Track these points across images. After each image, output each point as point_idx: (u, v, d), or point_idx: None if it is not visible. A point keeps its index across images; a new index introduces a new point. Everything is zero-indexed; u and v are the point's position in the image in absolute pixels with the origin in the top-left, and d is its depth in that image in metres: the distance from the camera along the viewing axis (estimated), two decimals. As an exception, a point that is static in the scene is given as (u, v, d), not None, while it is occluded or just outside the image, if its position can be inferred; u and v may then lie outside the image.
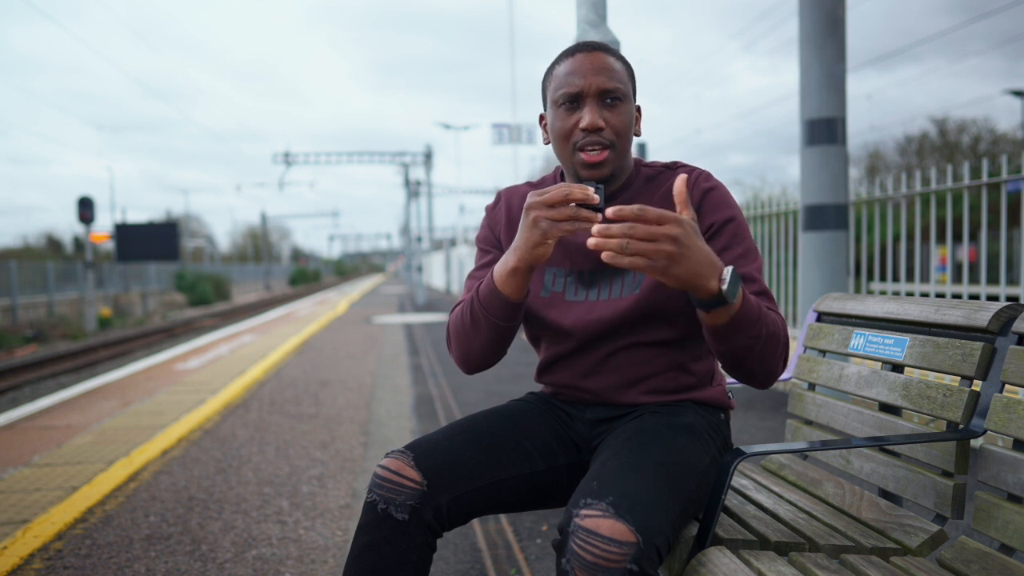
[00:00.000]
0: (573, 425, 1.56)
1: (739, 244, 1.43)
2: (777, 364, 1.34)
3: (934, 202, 4.25)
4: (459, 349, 1.48)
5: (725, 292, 1.18)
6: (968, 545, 1.31)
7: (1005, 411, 1.31)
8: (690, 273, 1.16)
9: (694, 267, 1.16)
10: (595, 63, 1.41)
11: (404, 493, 1.34)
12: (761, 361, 1.31)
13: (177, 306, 31.03)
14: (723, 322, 1.24)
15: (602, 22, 4.03)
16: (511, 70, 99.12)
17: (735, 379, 1.39)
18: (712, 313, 1.23)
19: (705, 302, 1.21)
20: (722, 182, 1.49)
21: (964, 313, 1.44)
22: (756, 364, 1.31)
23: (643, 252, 1.13)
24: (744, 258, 1.42)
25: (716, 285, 1.18)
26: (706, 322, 1.26)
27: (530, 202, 1.26)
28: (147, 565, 2.49)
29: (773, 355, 1.31)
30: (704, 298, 1.20)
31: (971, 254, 13.39)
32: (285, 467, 3.68)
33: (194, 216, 71.68)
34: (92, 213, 20.18)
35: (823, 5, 4.08)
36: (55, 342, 17.55)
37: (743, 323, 1.24)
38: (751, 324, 1.25)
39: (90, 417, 5.06)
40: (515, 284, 1.35)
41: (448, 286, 29.20)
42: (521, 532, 2.76)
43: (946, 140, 28.78)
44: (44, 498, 3.21)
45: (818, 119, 4.14)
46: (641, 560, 1.10)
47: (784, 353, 1.34)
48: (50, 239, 54.50)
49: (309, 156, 25.82)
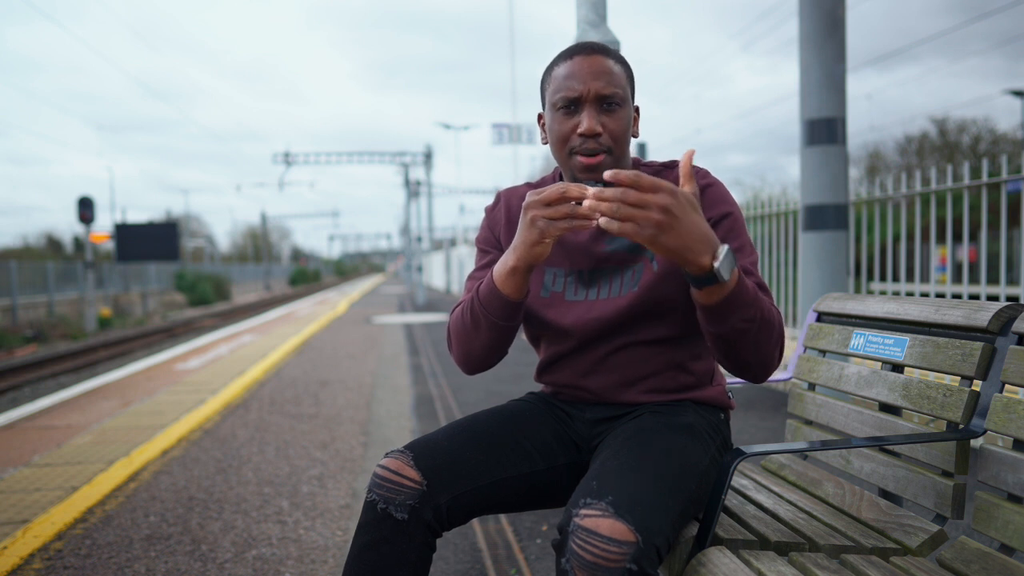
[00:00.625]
0: (573, 425, 1.56)
1: (736, 238, 1.43)
2: (772, 353, 1.33)
3: (934, 202, 4.25)
4: (460, 349, 1.49)
5: (718, 268, 1.18)
6: (968, 545, 1.31)
7: (1005, 411, 1.31)
8: (681, 245, 1.16)
9: (685, 239, 1.15)
10: (593, 66, 1.40)
11: (404, 493, 1.34)
12: (756, 348, 1.30)
13: (177, 306, 31.04)
14: (716, 301, 1.23)
15: (602, 22, 4.04)
16: (511, 70, 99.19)
17: (732, 373, 1.39)
18: (705, 291, 1.22)
19: (697, 278, 1.21)
20: (720, 179, 1.49)
21: (964, 313, 1.44)
22: (751, 352, 1.31)
23: (633, 218, 1.13)
24: (740, 252, 1.42)
25: (709, 261, 1.18)
26: (699, 301, 1.25)
27: (527, 201, 1.26)
28: (147, 565, 2.49)
29: (768, 342, 1.30)
30: (696, 273, 1.20)
31: (971, 254, 13.39)
32: (285, 467, 3.68)
33: (194, 216, 71.77)
34: (92, 213, 20.19)
35: (823, 5, 4.08)
36: (55, 342, 17.55)
37: (736, 303, 1.24)
38: (745, 306, 1.25)
39: (90, 417, 5.06)
40: (514, 283, 1.35)
41: (448, 286, 29.20)
42: (521, 532, 2.76)
43: (946, 140, 28.79)
44: (44, 498, 3.21)
45: (818, 119, 4.14)
46: (641, 560, 1.10)
47: (779, 343, 1.33)
48: (50, 239, 54.52)
49: (309, 156, 25.83)
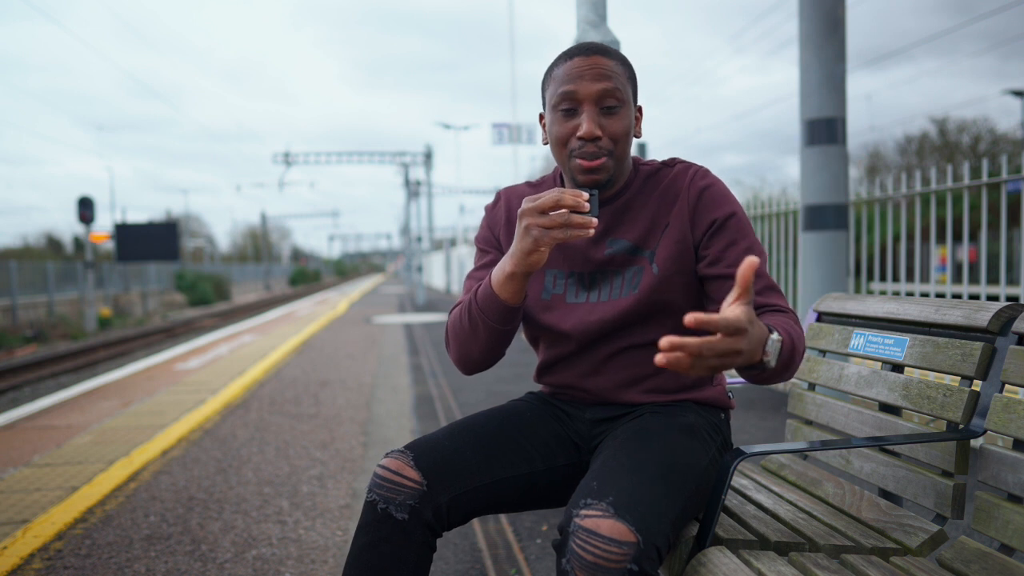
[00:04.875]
0: (573, 425, 1.56)
1: (744, 238, 1.42)
2: (794, 373, 1.32)
3: (934, 202, 4.25)
4: (458, 351, 1.48)
5: (767, 361, 1.14)
6: (968, 545, 1.31)
7: (1005, 411, 1.31)
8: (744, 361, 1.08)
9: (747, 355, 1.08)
10: (594, 68, 1.39)
11: (404, 493, 1.34)
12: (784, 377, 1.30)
13: (177, 306, 31.04)
14: (759, 376, 1.22)
15: (602, 22, 4.04)
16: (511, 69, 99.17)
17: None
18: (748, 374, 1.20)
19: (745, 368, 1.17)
20: (720, 179, 1.49)
21: (964, 313, 1.44)
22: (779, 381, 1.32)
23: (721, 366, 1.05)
24: (749, 251, 1.41)
25: (760, 357, 1.12)
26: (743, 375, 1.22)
27: (523, 209, 1.26)
28: (147, 565, 2.49)
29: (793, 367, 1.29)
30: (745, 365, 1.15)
31: (971, 254, 13.39)
32: (285, 467, 3.68)
33: (194, 216, 71.88)
34: (92, 213, 20.20)
35: (823, 5, 4.08)
36: (55, 342, 17.55)
37: (778, 375, 1.24)
38: (783, 372, 1.24)
39: (90, 417, 5.05)
40: (512, 289, 1.35)
41: (448, 286, 29.18)
42: (521, 532, 2.76)
43: (946, 140, 28.80)
44: (44, 498, 3.21)
45: (818, 119, 4.14)
46: (641, 560, 1.10)
47: (800, 361, 1.31)
48: (50, 239, 54.56)
49: (309, 156, 25.85)
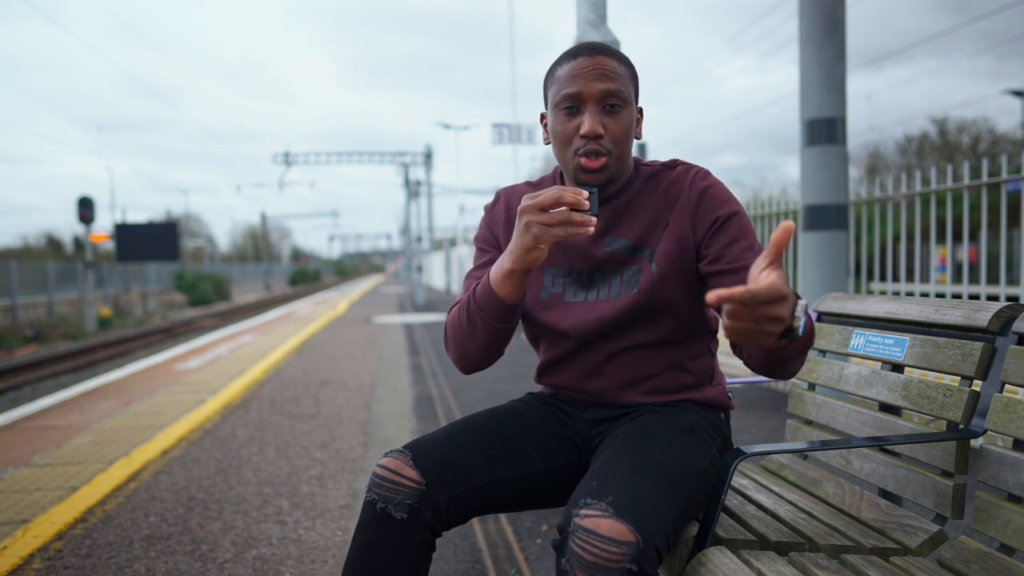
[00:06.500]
0: (573, 425, 1.56)
1: (745, 237, 1.42)
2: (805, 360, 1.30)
3: (934, 202, 4.25)
4: (456, 349, 1.48)
5: (795, 327, 1.06)
6: (968, 545, 1.31)
7: (1005, 411, 1.31)
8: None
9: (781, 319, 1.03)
10: (598, 68, 1.39)
11: (403, 492, 1.34)
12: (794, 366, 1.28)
13: (177, 306, 31.04)
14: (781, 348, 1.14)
15: (602, 22, 4.04)
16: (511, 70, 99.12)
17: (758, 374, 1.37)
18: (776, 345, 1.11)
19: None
20: (721, 180, 1.49)
21: (964, 313, 1.44)
22: (788, 371, 1.29)
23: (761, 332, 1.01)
24: (751, 250, 1.41)
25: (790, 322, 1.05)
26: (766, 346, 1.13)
27: (523, 206, 1.26)
28: (147, 565, 2.49)
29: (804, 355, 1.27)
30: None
31: (971, 254, 13.38)
32: (285, 467, 3.68)
33: (194, 216, 71.86)
34: (92, 213, 20.20)
35: (823, 5, 4.08)
36: (55, 342, 17.55)
37: (801, 349, 1.21)
38: (804, 350, 1.23)
39: (90, 417, 5.05)
40: (511, 287, 1.35)
41: (448, 286, 29.18)
42: (521, 532, 2.76)
43: (946, 140, 28.80)
44: (44, 498, 3.21)
45: (818, 119, 4.13)
46: (641, 560, 1.10)
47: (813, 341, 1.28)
48: (50, 239, 54.56)
49: (309, 156, 25.85)
